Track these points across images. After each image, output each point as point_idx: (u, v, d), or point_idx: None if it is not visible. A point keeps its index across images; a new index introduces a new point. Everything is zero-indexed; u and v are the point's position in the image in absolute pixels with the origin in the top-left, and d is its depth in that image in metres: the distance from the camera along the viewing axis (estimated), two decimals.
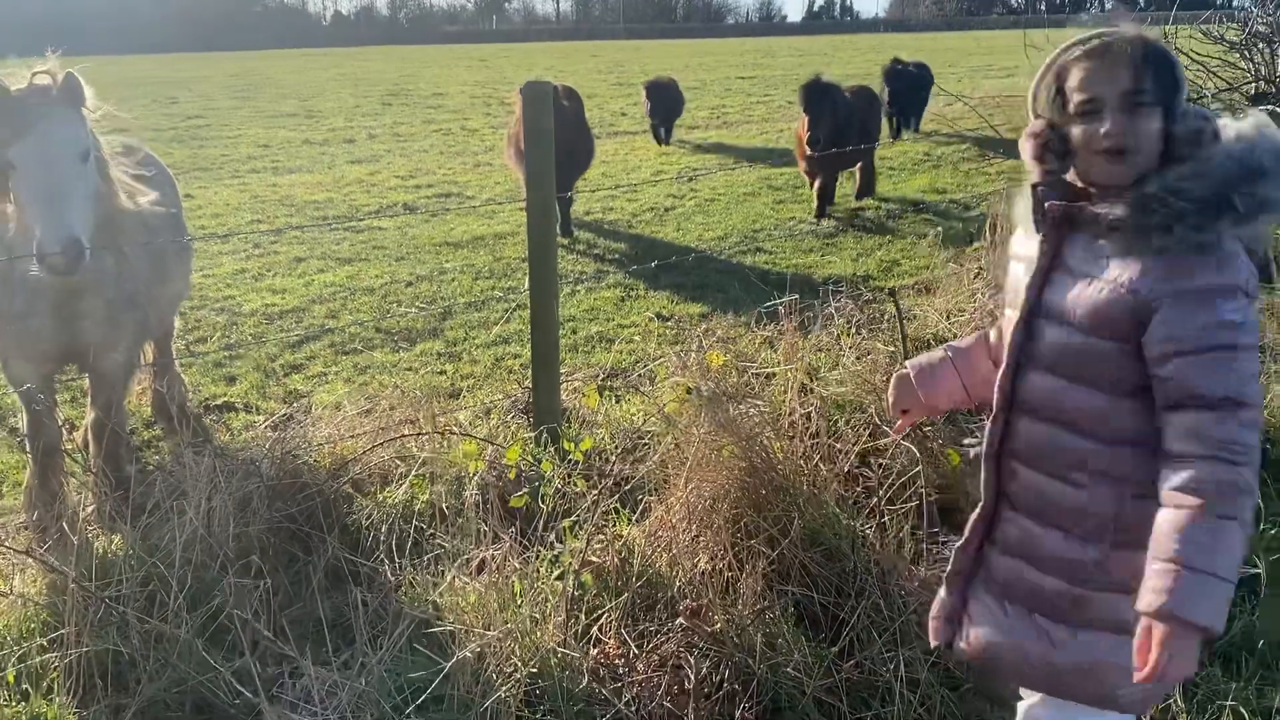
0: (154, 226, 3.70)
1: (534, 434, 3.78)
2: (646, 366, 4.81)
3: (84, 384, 4.01)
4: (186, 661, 2.56)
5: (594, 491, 3.02)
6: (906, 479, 3.11)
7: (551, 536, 2.96)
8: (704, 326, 4.77)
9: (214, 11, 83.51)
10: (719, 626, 2.63)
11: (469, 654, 2.48)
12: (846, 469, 3.29)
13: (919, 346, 4.47)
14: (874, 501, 3.11)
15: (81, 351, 3.52)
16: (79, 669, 2.50)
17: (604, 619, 2.72)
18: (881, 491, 3.11)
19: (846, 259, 7.71)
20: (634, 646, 2.63)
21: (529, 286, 3.88)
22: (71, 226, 2.94)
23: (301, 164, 13.40)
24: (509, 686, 2.43)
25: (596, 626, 2.71)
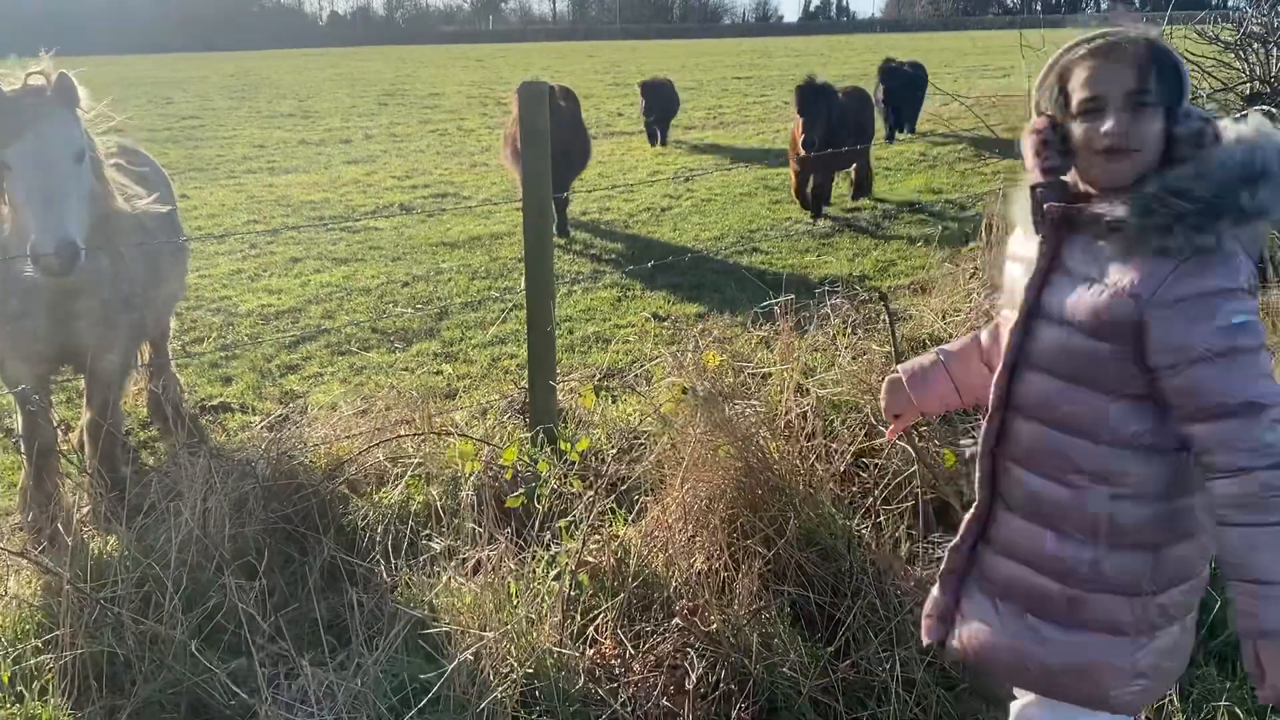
0: (150, 227, 3.70)
1: (530, 434, 3.78)
2: (643, 367, 4.81)
3: (80, 385, 4.00)
4: (182, 662, 2.56)
5: (590, 492, 3.02)
6: (902, 479, 3.11)
7: (548, 537, 2.97)
8: (700, 327, 4.77)
9: (210, 11, 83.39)
10: (715, 627, 2.64)
11: (465, 655, 2.47)
12: (842, 469, 3.30)
13: (914, 347, 4.47)
14: (870, 501, 3.12)
15: (77, 352, 3.52)
16: (74, 670, 2.49)
17: (600, 619, 2.72)
18: (877, 491, 3.12)
19: (843, 259, 7.72)
20: (630, 647, 2.63)
21: (525, 286, 3.88)
22: (66, 227, 2.94)
23: (298, 164, 13.39)
24: (505, 687, 2.43)
25: (593, 627, 2.71)
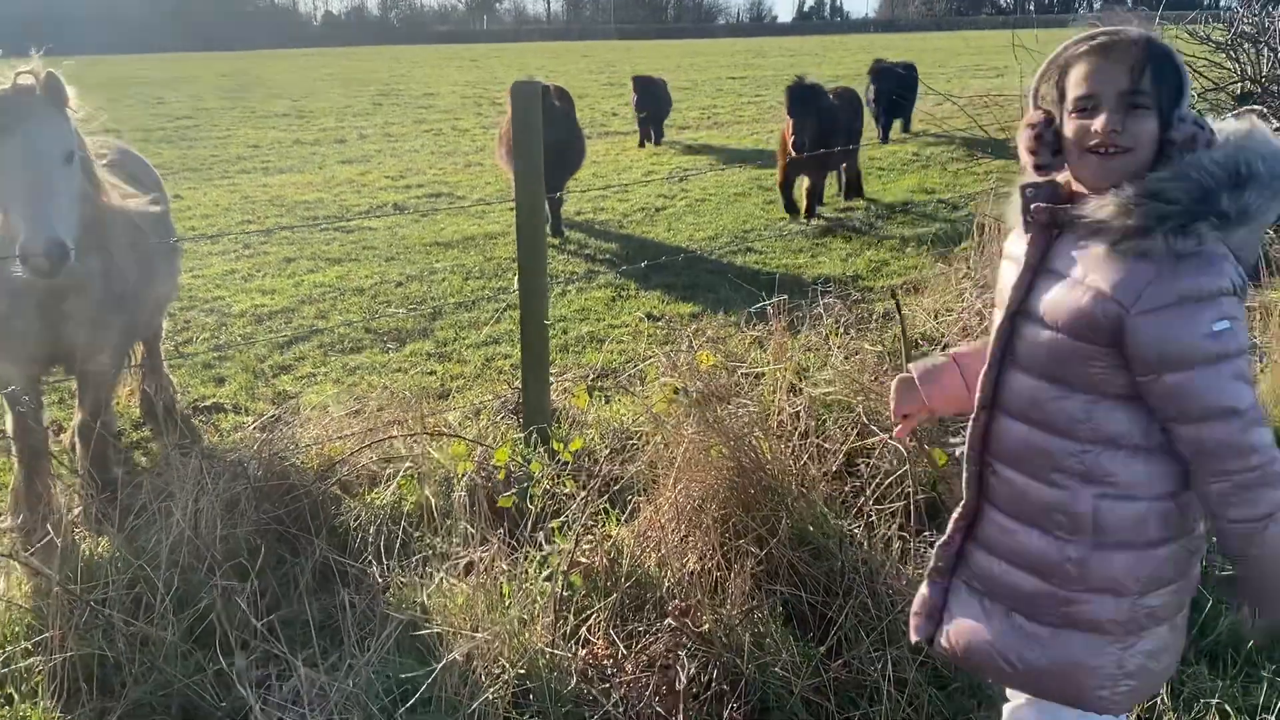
0: (141, 227, 3.68)
1: (524, 434, 3.77)
2: (636, 367, 4.80)
3: (72, 385, 3.99)
4: (173, 664, 2.56)
5: (583, 492, 3.02)
6: (894, 478, 3.11)
7: (540, 537, 2.96)
8: (694, 327, 4.77)
9: (204, 11, 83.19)
10: (707, 627, 2.64)
11: (457, 655, 2.47)
12: (834, 468, 3.30)
13: (907, 346, 4.48)
14: (862, 501, 3.12)
15: (68, 353, 3.51)
16: (63, 672, 2.49)
17: (593, 620, 2.72)
18: (869, 491, 3.12)
19: (836, 259, 7.72)
20: (622, 647, 2.63)
21: (519, 286, 3.87)
22: (55, 228, 2.93)
23: (292, 164, 13.36)
24: (497, 688, 2.43)
25: (585, 627, 2.71)
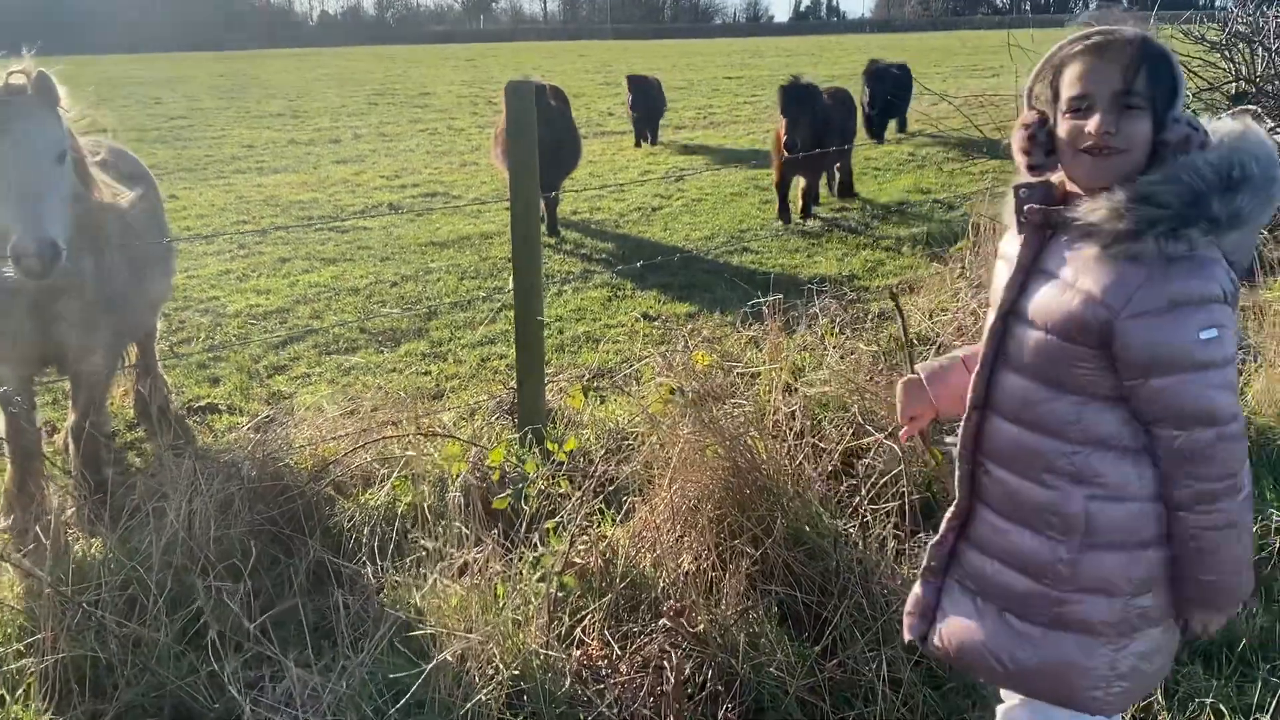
0: (135, 227, 3.67)
1: (519, 435, 3.76)
2: (632, 367, 4.80)
3: (66, 386, 3.98)
4: (166, 666, 2.55)
5: (578, 493, 3.01)
6: (889, 478, 3.11)
7: (535, 538, 2.95)
8: (690, 326, 4.78)
9: (200, 11, 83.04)
10: (702, 627, 2.63)
11: (450, 657, 2.46)
12: (830, 468, 3.30)
13: (902, 346, 4.48)
14: (857, 501, 3.11)
15: (61, 353, 3.50)
16: (55, 674, 2.47)
17: (587, 620, 2.71)
18: (864, 490, 3.12)
19: (832, 259, 7.72)
20: (617, 648, 2.62)
21: (513, 285, 3.86)
22: (47, 228, 2.91)
23: (287, 164, 13.33)
24: (491, 689, 2.42)
25: (580, 628, 2.70)
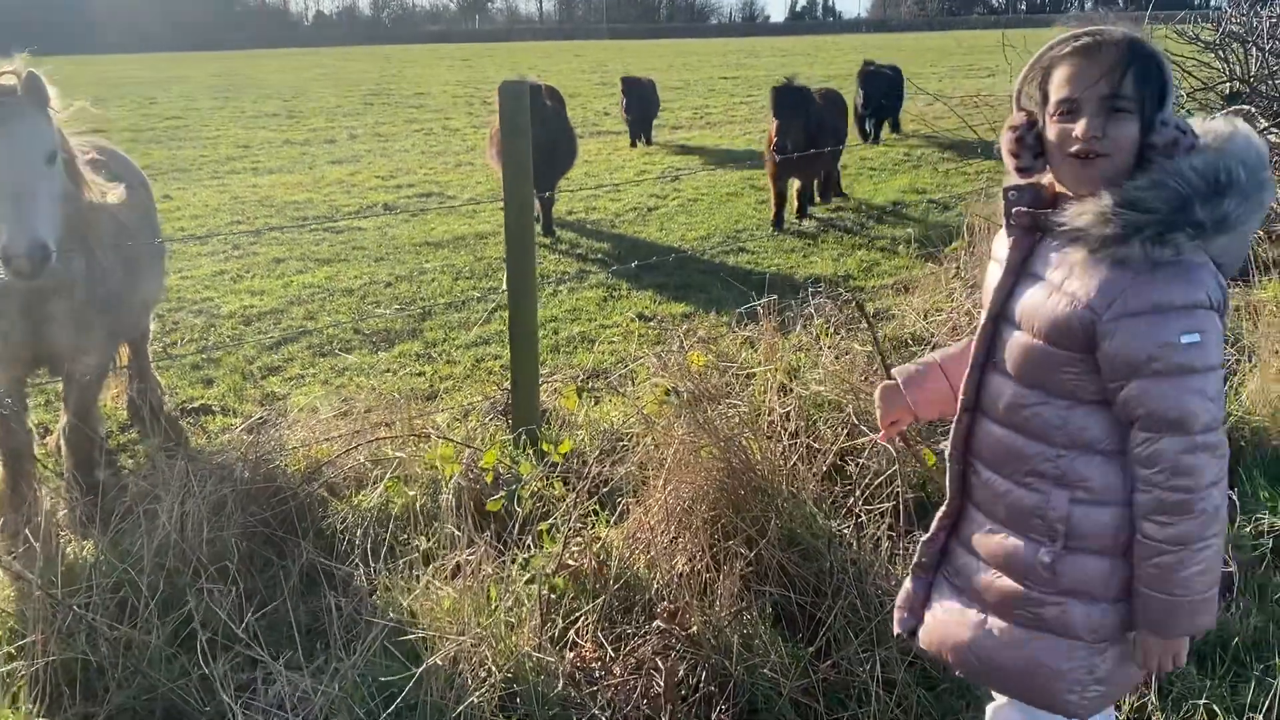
0: (127, 228, 3.66)
1: (513, 436, 3.76)
2: (627, 367, 4.79)
3: (59, 387, 3.96)
4: (157, 668, 2.53)
5: (572, 494, 3.00)
6: (884, 479, 3.11)
7: (529, 540, 2.95)
8: (685, 327, 4.76)
9: (196, 11, 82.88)
10: (696, 628, 2.62)
11: (443, 659, 2.45)
12: (824, 469, 3.29)
13: (896, 346, 4.48)
14: (851, 501, 3.11)
15: (53, 355, 3.48)
16: (45, 677, 2.46)
17: (581, 622, 2.70)
18: (859, 491, 3.11)
19: (827, 259, 7.72)
20: (610, 650, 2.61)
21: (507, 286, 3.86)
22: (36, 229, 2.90)
23: (282, 164, 13.31)
24: (483, 691, 2.41)
25: (573, 630, 2.69)
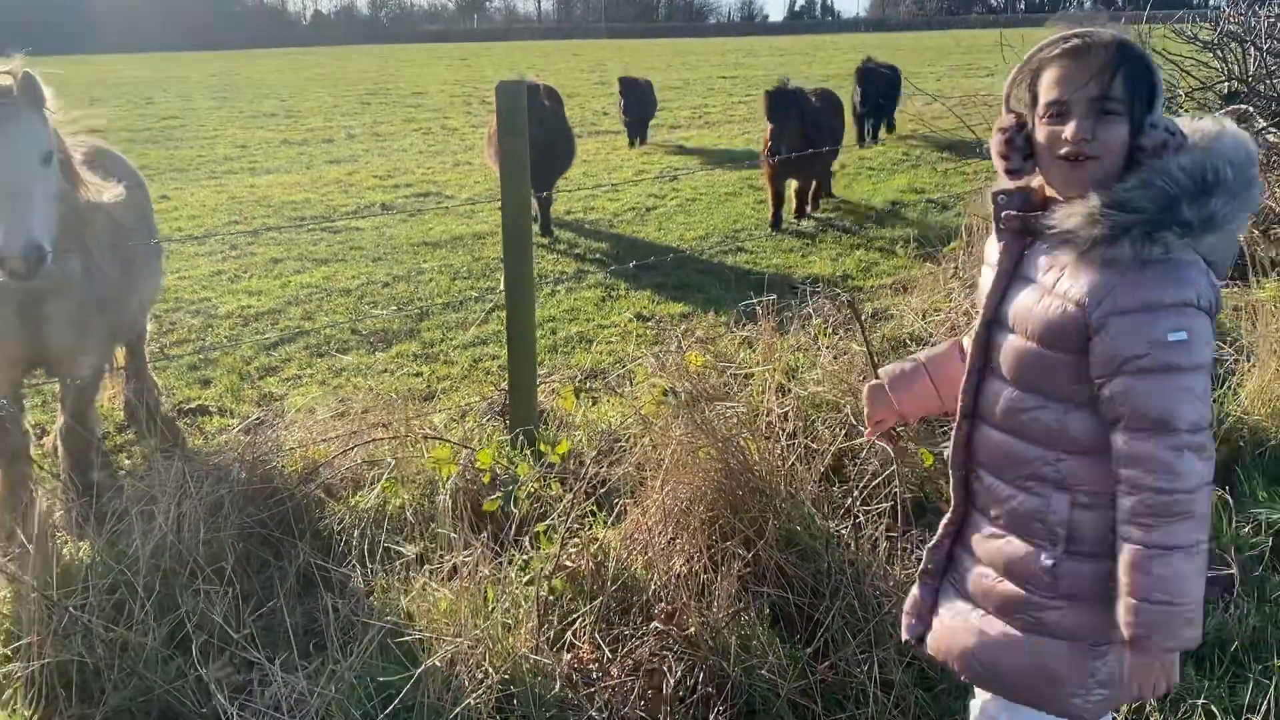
0: (124, 228, 3.65)
1: (510, 437, 3.75)
2: (625, 367, 4.78)
3: (55, 388, 3.95)
4: (153, 670, 2.52)
5: (569, 495, 3.00)
6: (882, 479, 3.10)
7: (526, 541, 2.94)
8: (684, 327, 4.76)
9: (194, 12, 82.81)
10: (694, 630, 2.62)
11: (440, 661, 2.45)
12: (822, 469, 3.28)
13: (894, 346, 4.48)
14: (849, 502, 3.11)
15: (49, 355, 3.47)
16: (41, 679, 2.45)
17: (578, 624, 2.69)
18: (857, 492, 3.11)
19: (826, 259, 7.72)
20: (608, 651, 2.61)
21: (504, 286, 3.85)
22: (32, 230, 2.89)
23: (279, 164, 13.30)
24: (480, 693, 2.41)
25: (571, 631, 2.68)
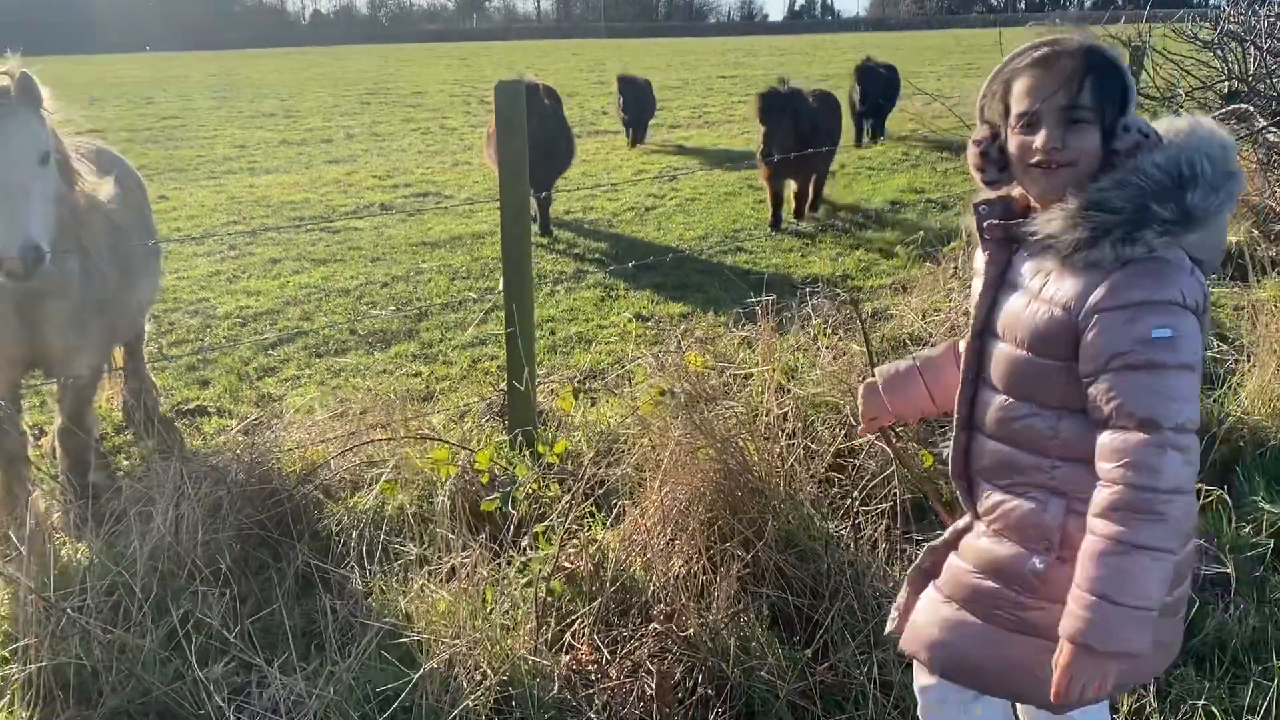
0: (122, 228, 3.64)
1: (509, 437, 3.74)
2: (624, 368, 4.78)
3: (53, 389, 3.94)
4: (151, 672, 2.52)
5: (568, 496, 2.99)
6: (881, 479, 3.10)
7: (524, 542, 2.93)
8: (683, 327, 4.75)
9: (193, 11, 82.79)
10: (693, 631, 2.61)
11: (438, 663, 2.44)
12: (822, 470, 3.28)
13: (894, 346, 4.47)
14: (849, 502, 3.10)
15: (47, 356, 3.47)
16: (38, 682, 2.45)
17: (577, 625, 2.69)
18: (856, 492, 3.10)
19: (825, 259, 7.71)
20: (607, 652, 2.60)
21: (503, 286, 3.84)
22: (29, 231, 2.88)
23: (278, 164, 13.29)
24: (478, 695, 2.40)
25: (569, 633, 2.68)
